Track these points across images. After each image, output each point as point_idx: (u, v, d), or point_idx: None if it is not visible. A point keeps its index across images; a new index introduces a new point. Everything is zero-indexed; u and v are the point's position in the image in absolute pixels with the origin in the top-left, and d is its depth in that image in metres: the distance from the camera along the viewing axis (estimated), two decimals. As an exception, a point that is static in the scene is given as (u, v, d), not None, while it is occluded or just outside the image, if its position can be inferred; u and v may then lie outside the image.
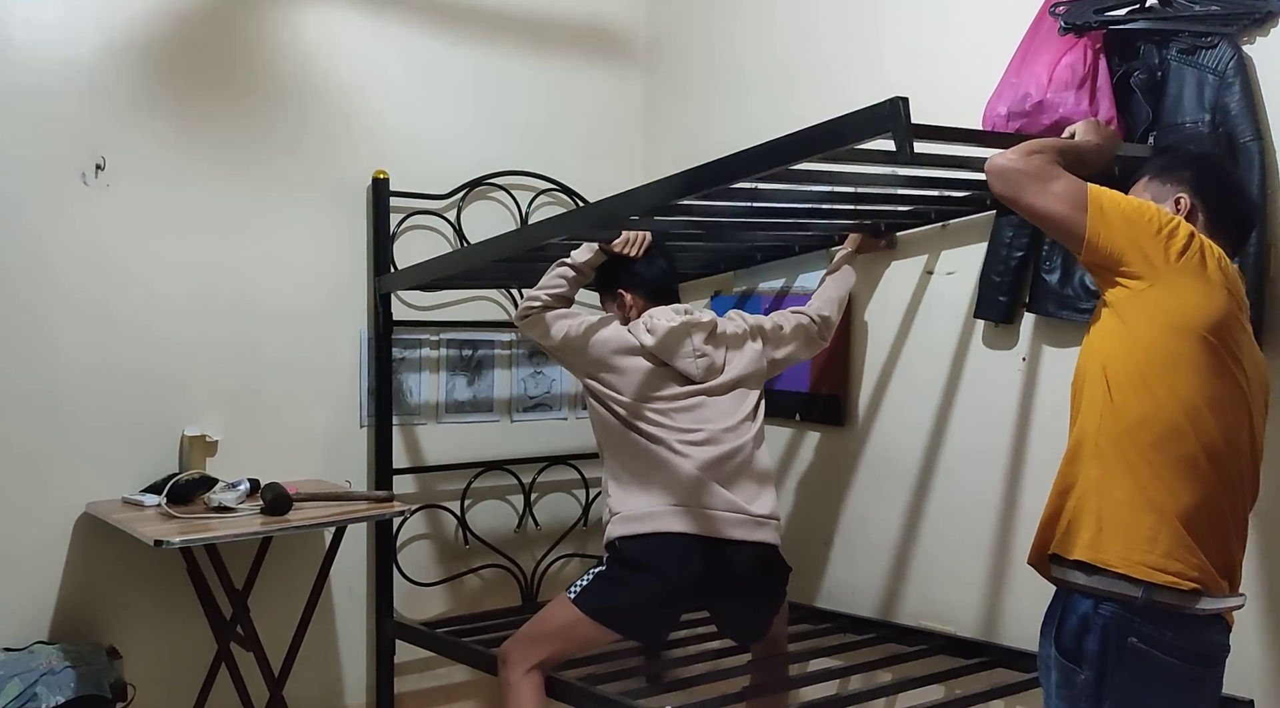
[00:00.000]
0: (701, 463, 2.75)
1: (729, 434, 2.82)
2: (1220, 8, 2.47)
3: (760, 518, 2.79)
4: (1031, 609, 2.12)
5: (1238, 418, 1.96)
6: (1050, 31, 2.65)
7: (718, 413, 2.84)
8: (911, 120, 1.93)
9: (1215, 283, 1.92)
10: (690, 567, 2.70)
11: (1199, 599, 1.90)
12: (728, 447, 2.80)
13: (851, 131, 2.04)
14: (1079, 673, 1.94)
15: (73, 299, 3.09)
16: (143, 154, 3.17)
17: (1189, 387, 1.90)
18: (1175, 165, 2.14)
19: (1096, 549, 1.94)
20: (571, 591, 2.75)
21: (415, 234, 3.65)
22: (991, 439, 3.00)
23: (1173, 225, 1.93)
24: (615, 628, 2.74)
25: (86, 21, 3.10)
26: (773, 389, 3.60)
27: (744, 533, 2.75)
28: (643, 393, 2.81)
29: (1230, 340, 1.93)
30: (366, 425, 3.57)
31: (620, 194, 2.70)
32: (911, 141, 1.95)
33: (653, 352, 2.82)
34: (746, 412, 2.89)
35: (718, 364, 2.88)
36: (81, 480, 3.10)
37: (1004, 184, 2.02)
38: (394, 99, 3.62)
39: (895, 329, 3.27)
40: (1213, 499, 1.93)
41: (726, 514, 2.74)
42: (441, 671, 3.68)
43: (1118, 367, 1.94)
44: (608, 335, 2.85)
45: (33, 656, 2.89)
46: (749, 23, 3.74)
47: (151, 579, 3.18)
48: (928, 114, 3.05)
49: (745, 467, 2.82)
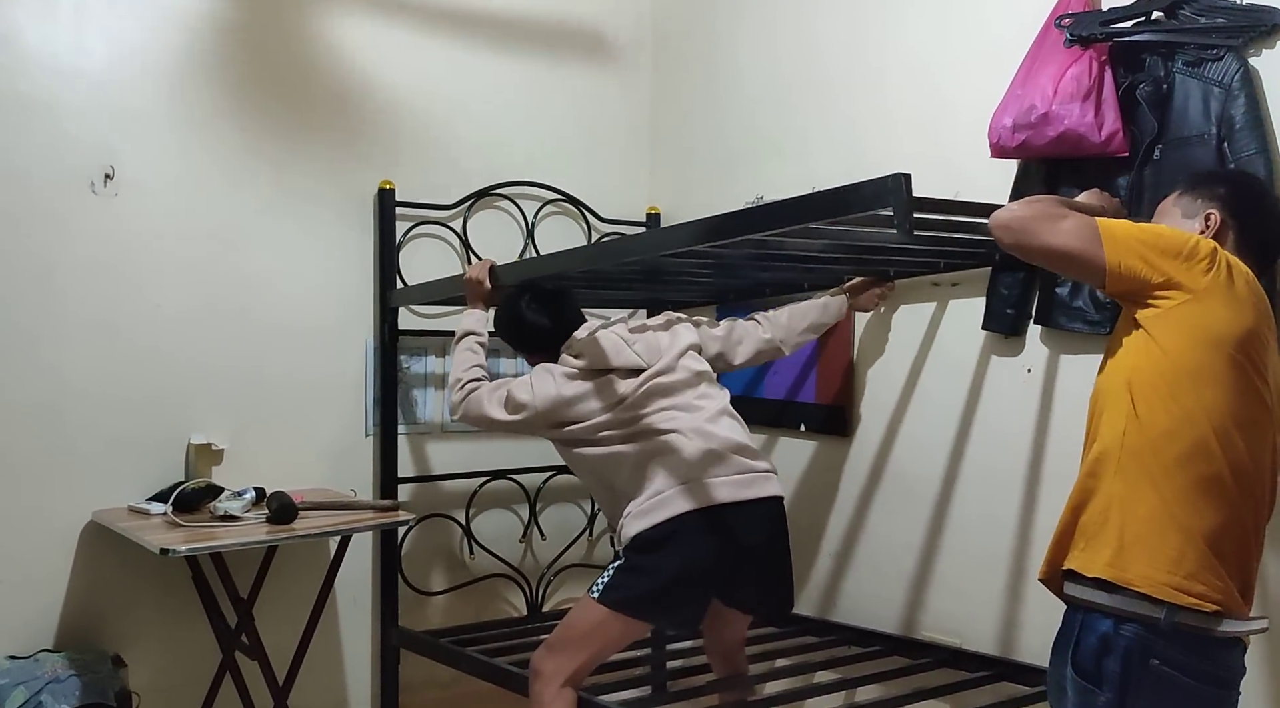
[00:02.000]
0: (690, 434, 2.74)
1: (703, 400, 2.83)
2: (1226, 20, 2.46)
3: (764, 472, 2.80)
4: (1043, 623, 2.10)
5: (1262, 437, 1.94)
6: (1056, 43, 2.65)
7: (682, 384, 2.83)
8: (913, 195, 2.00)
9: (1243, 299, 1.91)
10: (708, 539, 2.68)
11: (1221, 622, 1.87)
12: (706, 412, 2.80)
13: (856, 203, 2.13)
14: (1098, 695, 1.90)
15: (80, 308, 3.11)
16: (151, 164, 3.19)
17: (1216, 403, 1.88)
18: (1209, 181, 2.12)
19: (1119, 568, 1.90)
20: (594, 590, 2.70)
21: (421, 245, 3.66)
22: (998, 450, 2.99)
23: (1192, 245, 1.91)
24: (644, 618, 2.71)
25: (96, 33, 3.13)
26: (778, 399, 3.61)
27: (754, 491, 2.75)
28: (608, 405, 2.79)
29: (1257, 358, 1.92)
30: (372, 434, 3.58)
31: (640, 235, 2.71)
32: (911, 219, 2.02)
33: (590, 369, 2.81)
34: (707, 375, 2.90)
35: (655, 344, 2.88)
36: (88, 489, 3.11)
37: (1012, 235, 2.00)
38: (401, 109, 3.63)
39: (901, 340, 3.27)
40: (1237, 519, 1.91)
41: (731, 478, 2.73)
42: (446, 680, 3.68)
43: (1143, 378, 1.92)
44: (547, 389, 2.81)
45: (38, 664, 2.90)
46: (754, 35, 3.74)
47: (157, 588, 3.18)
48: (932, 126, 3.12)
49: (729, 426, 2.82)
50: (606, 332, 2.89)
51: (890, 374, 3.29)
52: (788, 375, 3.57)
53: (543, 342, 2.94)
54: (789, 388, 3.56)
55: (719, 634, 2.98)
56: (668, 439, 2.75)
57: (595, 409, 2.79)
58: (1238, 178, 2.21)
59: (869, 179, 2.07)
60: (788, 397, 3.56)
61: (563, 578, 3.92)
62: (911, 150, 3.18)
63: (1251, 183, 2.22)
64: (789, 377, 3.57)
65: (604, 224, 4.01)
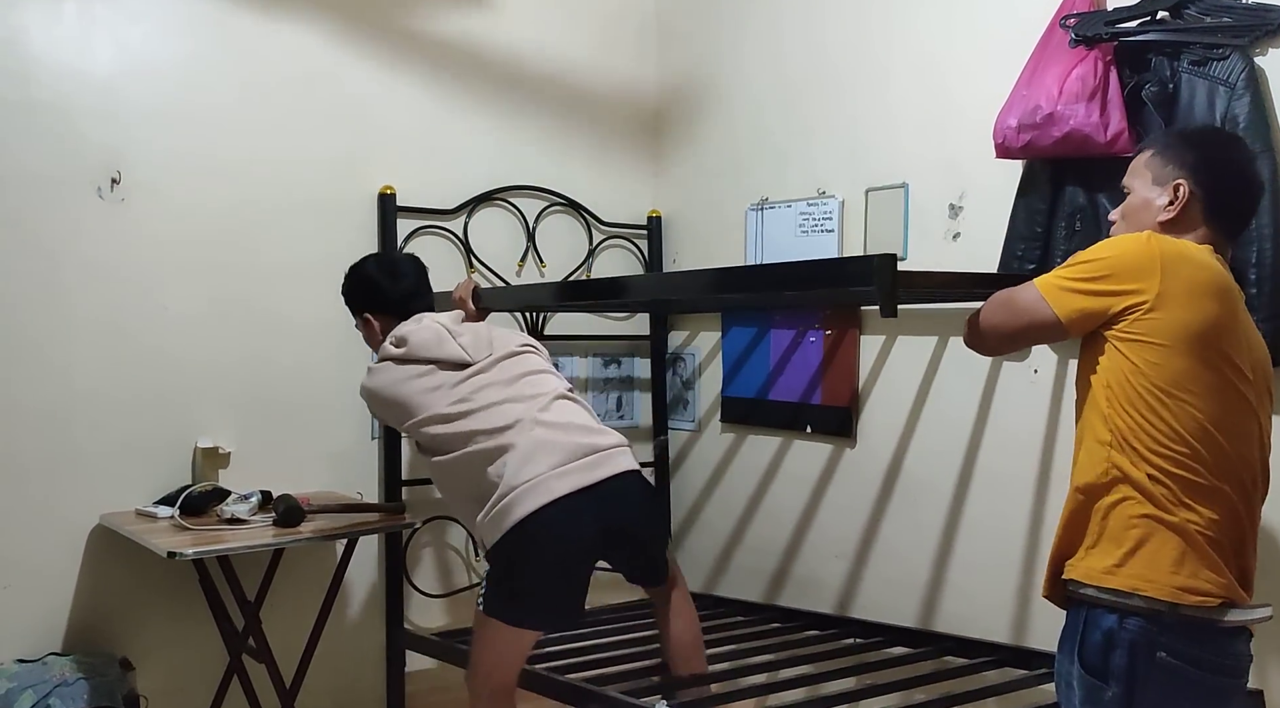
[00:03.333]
0: (526, 427, 2.65)
1: (537, 388, 2.76)
2: (1231, 19, 2.47)
3: (610, 449, 2.70)
4: (1054, 626, 2.10)
5: (1246, 430, 1.96)
6: (1061, 44, 2.66)
7: (511, 376, 2.78)
8: (896, 280, 2.13)
9: (1198, 289, 1.91)
10: (557, 535, 2.58)
11: (1227, 612, 1.88)
12: (540, 401, 2.72)
13: (842, 278, 2.42)
14: (1105, 689, 1.90)
15: (87, 311, 3.11)
16: (157, 168, 3.19)
17: (1196, 408, 1.89)
18: (1180, 144, 2.08)
19: (1122, 578, 1.91)
20: (479, 601, 2.68)
21: (422, 248, 3.65)
22: (1003, 452, 3.00)
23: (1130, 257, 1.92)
24: (520, 623, 2.63)
25: (102, 37, 3.13)
26: (782, 402, 3.62)
27: (600, 472, 2.63)
28: (441, 396, 2.73)
29: (1229, 348, 1.92)
30: (378, 437, 3.58)
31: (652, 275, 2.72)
32: (895, 303, 2.14)
33: (412, 356, 2.79)
34: (541, 363, 2.86)
35: (484, 337, 2.85)
36: (95, 492, 3.11)
37: (981, 340, 2.16)
38: (402, 114, 3.64)
39: (905, 343, 3.28)
40: (1231, 513, 1.92)
41: (574, 465, 2.62)
42: (453, 681, 3.67)
43: (1122, 393, 1.93)
44: (377, 380, 2.82)
45: (46, 667, 2.89)
46: (758, 37, 3.75)
47: (164, 591, 3.18)
48: (937, 127, 3.13)
49: (569, 410, 2.75)
50: (429, 322, 2.85)
51: (899, 377, 3.30)
52: (797, 379, 3.59)
53: (368, 298, 2.96)
54: (799, 391, 3.57)
55: (669, 634, 2.90)
56: (503, 441, 2.64)
57: (426, 402, 2.74)
58: (1210, 142, 2.14)
59: (855, 256, 2.19)
60: (792, 398, 3.57)
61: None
62: (916, 152, 3.20)
63: (1225, 148, 2.14)
64: (799, 380, 3.58)
65: (605, 227, 4.02)
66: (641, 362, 4.11)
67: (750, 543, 3.80)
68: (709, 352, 3.96)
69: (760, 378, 3.71)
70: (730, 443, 3.88)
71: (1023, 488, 2.95)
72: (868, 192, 3.34)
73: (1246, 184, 2.09)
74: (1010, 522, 2.96)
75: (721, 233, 3.86)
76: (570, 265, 3.96)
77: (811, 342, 3.54)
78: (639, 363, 4.11)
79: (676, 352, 4.10)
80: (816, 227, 3.49)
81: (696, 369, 4.01)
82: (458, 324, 2.88)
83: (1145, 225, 2.04)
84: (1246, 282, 2.37)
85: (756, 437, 3.77)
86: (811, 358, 3.52)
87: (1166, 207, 2.03)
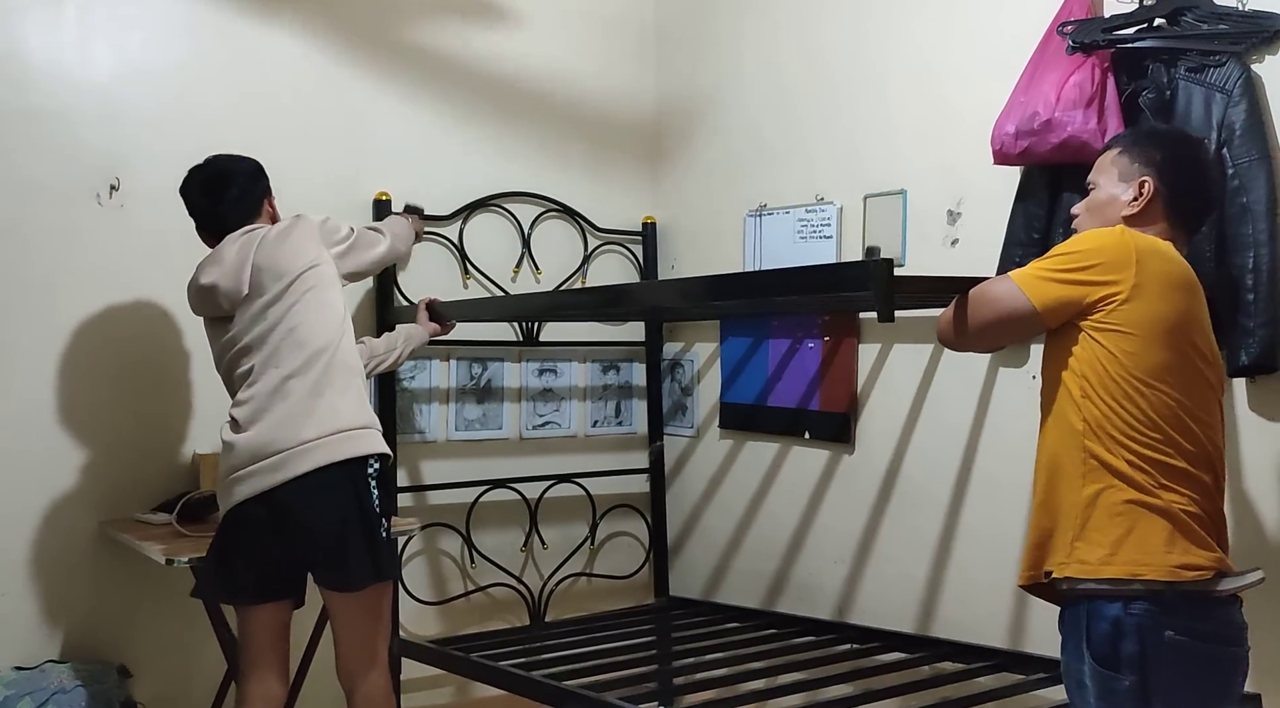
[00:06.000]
0: (238, 420, 2.61)
1: (280, 361, 2.62)
2: (1228, 26, 2.49)
3: (301, 447, 2.52)
4: (1052, 631, 2.11)
5: (1214, 421, 2.02)
6: (1058, 50, 2.68)
7: (268, 338, 2.67)
8: (892, 281, 2.13)
9: (1169, 281, 1.98)
10: (233, 550, 2.60)
11: (1220, 580, 1.93)
12: (272, 379, 2.61)
13: (839, 283, 2.46)
14: (1121, 680, 1.92)
15: (86, 317, 3.10)
16: (156, 175, 3.18)
17: (1175, 398, 1.95)
18: (1146, 143, 2.14)
19: (1118, 565, 1.93)
20: None
21: (418, 254, 3.64)
22: (1000, 458, 3.01)
23: (1107, 248, 1.98)
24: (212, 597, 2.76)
25: (101, 44, 3.14)
26: (781, 407, 3.63)
27: (280, 475, 2.50)
28: (218, 353, 2.80)
29: (1197, 337, 1.99)
30: (376, 443, 3.57)
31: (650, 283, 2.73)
32: (892, 308, 2.14)
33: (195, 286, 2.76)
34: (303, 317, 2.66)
35: (256, 274, 2.69)
36: (93, 499, 3.10)
37: (956, 334, 2.16)
38: (398, 120, 3.64)
39: (902, 349, 3.29)
40: (1208, 497, 1.98)
41: (253, 468, 2.53)
42: (448, 689, 3.67)
43: (1097, 382, 1.97)
44: None
45: (44, 674, 2.89)
46: (756, 42, 3.76)
47: (162, 598, 3.17)
48: (935, 134, 3.14)
49: (284, 400, 2.58)
50: (224, 244, 2.73)
51: (897, 383, 3.31)
52: (795, 385, 3.59)
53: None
54: (797, 397, 3.58)
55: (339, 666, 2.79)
56: (223, 431, 2.63)
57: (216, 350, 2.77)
58: (1175, 142, 2.19)
59: (853, 261, 2.18)
60: (790, 404, 3.58)
61: (565, 587, 3.92)
62: (914, 158, 3.21)
63: (1188, 148, 2.19)
64: (797, 386, 3.59)
65: (600, 233, 4.03)
66: (640, 368, 4.12)
67: (749, 548, 3.81)
68: (707, 358, 3.97)
69: (758, 384, 3.72)
70: (729, 449, 3.89)
71: (1020, 494, 2.94)
72: (866, 198, 3.35)
73: (1208, 184, 2.19)
74: (1007, 527, 2.96)
75: (720, 239, 3.87)
76: (565, 272, 3.96)
77: (810, 348, 3.55)
78: (637, 369, 4.12)
79: (675, 358, 4.10)
80: (815, 233, 3.50)
81: (695, 375, 4.02)
82: (246, 245, 2.76)
83: (1110, 220, 2.10)
84: (1243, 287, 2.40)
85: (755, 442, 3.78)
86: (809, 364, 3.53)
87: (1131, 202, 2.09)
